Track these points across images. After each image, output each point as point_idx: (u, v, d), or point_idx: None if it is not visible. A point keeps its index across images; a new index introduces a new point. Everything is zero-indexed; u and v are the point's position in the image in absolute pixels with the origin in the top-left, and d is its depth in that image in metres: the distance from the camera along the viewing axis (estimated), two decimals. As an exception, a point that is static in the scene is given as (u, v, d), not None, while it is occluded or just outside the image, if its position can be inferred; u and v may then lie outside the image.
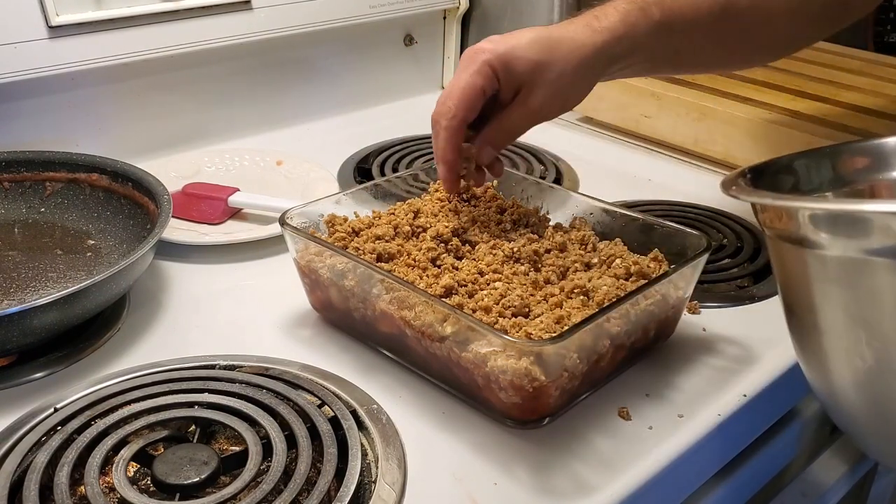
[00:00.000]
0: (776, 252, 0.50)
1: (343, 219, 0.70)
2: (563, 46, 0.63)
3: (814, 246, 0.44)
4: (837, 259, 0.44)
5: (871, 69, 1.14)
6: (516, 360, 0.54)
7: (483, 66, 0.62)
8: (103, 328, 0.68)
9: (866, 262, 0.42)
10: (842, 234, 0.43)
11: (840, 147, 0.60)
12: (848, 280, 0.44)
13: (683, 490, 0.62)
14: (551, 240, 0.67)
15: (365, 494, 0.52)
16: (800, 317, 0.50)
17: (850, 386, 0.47)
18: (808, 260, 0.45)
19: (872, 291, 0.43)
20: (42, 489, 0.50)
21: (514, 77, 0.63)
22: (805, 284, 0.47)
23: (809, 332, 0.49)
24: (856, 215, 0.42)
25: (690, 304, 0.72)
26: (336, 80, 1.15)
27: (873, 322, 0.44)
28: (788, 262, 0.48)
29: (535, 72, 0.63)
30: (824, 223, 0.44)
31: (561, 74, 0.63)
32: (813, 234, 0.44)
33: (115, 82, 0.94)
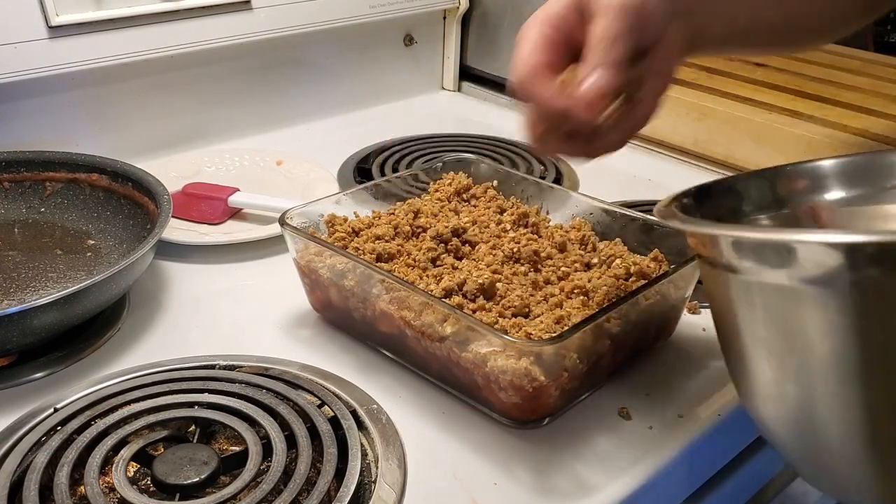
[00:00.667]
0: (705, 275, 0.51)
1: (343, 219, 0.70)
2: None
3: (735, 271, 0.45)
4: (756, 284, 0.45)
5: (871, 69, 1.14)
6: (516, 360, 0.54)
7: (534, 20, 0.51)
8: (103, 328, 0.68)
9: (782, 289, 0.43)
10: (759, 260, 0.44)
11: (779, 169, 0.61)
12: (766, 305, 0.45)
13: (683, 490, 0.62)
14: (551, 240, 0.67)
15: (365, 494, 0.52)
16: (727, 342, 0.51)
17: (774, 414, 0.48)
18: (731, 284, 0.47)
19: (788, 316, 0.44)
20: (42, 489, 0.50)
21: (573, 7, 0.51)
22: (729, 308, 0.48)
23: (737, 357, 0.50)
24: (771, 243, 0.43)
25: (690, 304, 0.72)
26: (336, 80, 1.15)
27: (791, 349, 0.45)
28: (716, 286, 0.49)
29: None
30: (744, 250, 0.45)
31: None
32: (734, 259, 0.45)
33: (115, 82, 0.94)
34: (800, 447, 0.48)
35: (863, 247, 0.40)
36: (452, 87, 1.28)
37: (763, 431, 0.51)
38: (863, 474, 0.45)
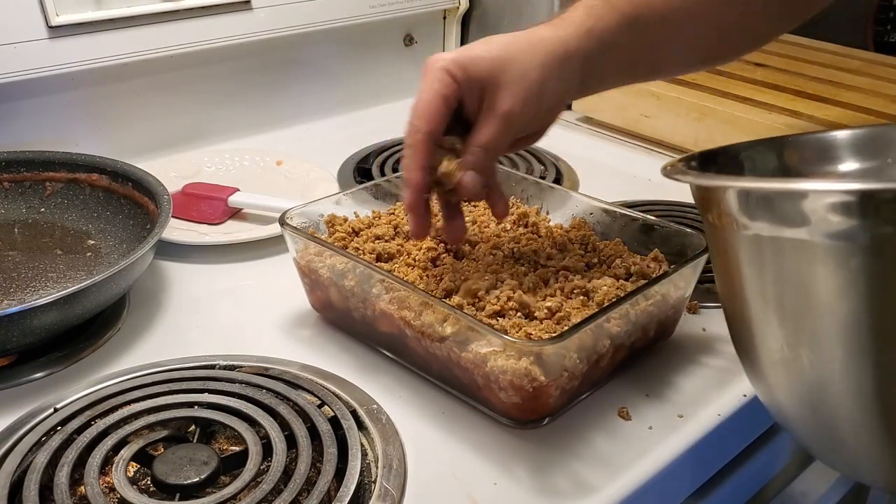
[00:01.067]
0: (711, 236, 0.49)
1: (343, 219, 0.70)
2: (523, 43, 0.58)
3: (742, 227, 0.44)
4: (764, 240, 0.43)
5: (871, 69, 1.14)
6: (516, 360, 0.54)
7: (439, 73, 0.57)
8: (103, 328, 0.68)
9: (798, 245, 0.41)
10: (766, 214, 0.42)
11: (789, 138, 0.59)
12: (773, 262, 0.43)
13: (683, 490, 0.62)
14: (551, 240, 0.67)
15: (365, 494, 0.52)
16: (734, 309, 0.49)
17: (784, 382, 0.46)
18: (740, 243, 0.45)
19: (796, 273, 0.42)
20: (42, 489, 0.50)
21: (474, 80, 0.57)
22: (736, 268, 0.46)
23: (743, 324, 0.48)
24: (779, 194, 0.41)
25: (690, 304, 0.72)
26: (336, 80, 1.15)
27: (799, 309, 0.43)
28: (721, 246, 0.47)
29: (494, 70, 0.57)
30: (751, 203, 0.43)
31: (525, 71, 0.57)
32: (743, 214, 0.43)
33: (115, 82, 0.94)
34: (810, 419, 0.46)
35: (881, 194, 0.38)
36: (452, 87, 1.28)
37: (770, 405, 0.49)
38: (875, 447, 0.43)
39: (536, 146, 1.04)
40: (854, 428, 0.43)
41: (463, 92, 0.57)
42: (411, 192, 0.58)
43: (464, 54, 0.58)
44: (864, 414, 0.42)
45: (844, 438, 0.45)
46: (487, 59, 0.57)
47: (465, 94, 0.58)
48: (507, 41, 0.58)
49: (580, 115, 1.15)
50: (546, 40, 0.58)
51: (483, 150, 0.58)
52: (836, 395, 0.43)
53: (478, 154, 0.58)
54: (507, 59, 0.57)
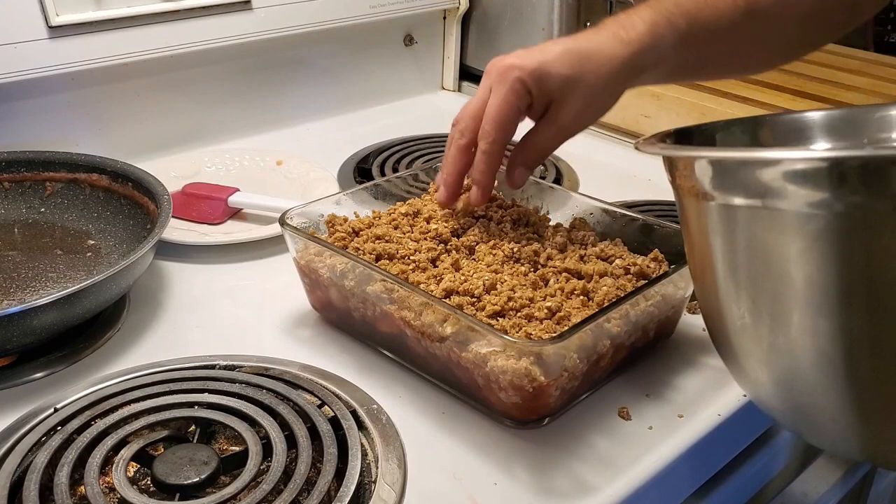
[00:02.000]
0: (682, 210, 0.49)
1: (343, 219, 0.70)
2: (592, 60, 0.62)
3: (711, 197, 0.44)
4: (735, 210, 0.43)
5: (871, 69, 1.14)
6: (516, 360, 0.54)
7: (516, 84, 0.61)
8: (103, 328, 0.68)
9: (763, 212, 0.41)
10: (736, 183, 0.42)
11: (762, 118, 0.59)
12: (744, 231, 0.43)
13: (683, 490, 0.62)
14: (551, 240, 0.67)
15: (365, 494, 0.52)
16: (702, 280, 0.49)
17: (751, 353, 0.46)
18: (707, 213, 0.45)
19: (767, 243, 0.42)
20: (42, 489, 0.50)
21: (545, 93, 0.62)
22: (705, 240, 0.46)
23: (711, 294, 0.48)
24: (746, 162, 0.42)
25: (690, 305, 0.72)
26: (336, 80, 1.15)
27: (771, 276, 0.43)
28: (691, 219, 0.48)
29: (566, 87, 0.62)
30: (720, 172, 0.43)
31: (592, 88, 0.62)
32: (709, 184, 0.44)
33: (115, 82, 0.94)
34: (778, 390, 0.46)
35: (846, 161, 0.38)
36: (452, 87, 1.28)
37: (739, 378, 0.49)
38: (843, 415, 0.43)
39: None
40: (820, 396, 0.44)
41: (534, 102, 0.63)
42: (481, 193, 0.66)
43: (539, 67, 0.61)
44: (829, 380, 0.43)
45: (816, 411, 0.45)
46: (562, 76, 0.62)
47: (534, 104, 0.63)
48: (579, 57, 0.62)
49: (580, 115, 1.15)
50: (614, 60, 0.62)
51: (539, 151, 0.65)
52: (800, 361, 0.43)
53: (533, 154, 0.65)
54: (579, 77, 0.62)
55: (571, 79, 0.62)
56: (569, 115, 0.63)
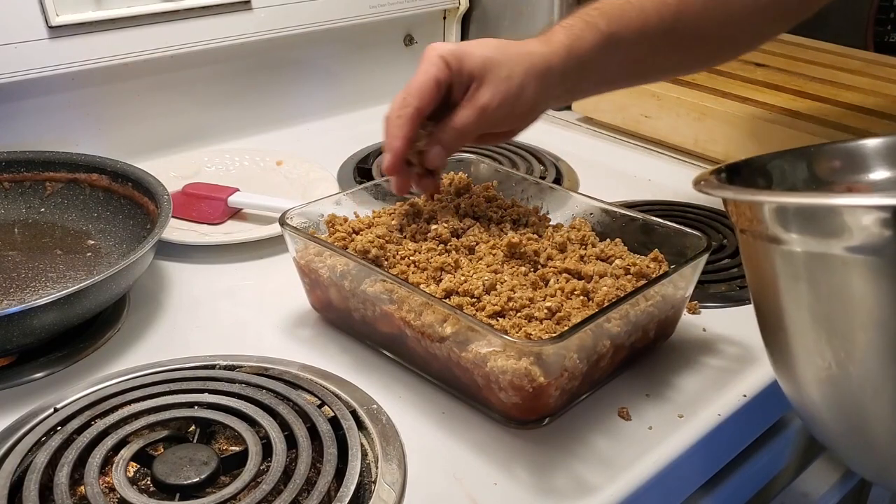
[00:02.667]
0: (746, 250, 0.49)
1: (343, 219, 0.70)
2: (513, 49, 0.64)
3: (779, 242, 0.43)
4: (802, 255, 0.43)
5: (871, 69, 1.14)
6: (516, 360, 0.54)
7: (436, 59, 0.63)
8: (103, 328, 0.68)
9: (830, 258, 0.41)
10: (805, 229, 0.42)
11: (818, 148, 0.59)
12: (812, 277, 0.43)
13: (683, 490, 0.62)
14: (551, 240, 0.67)
15: (365, 494, 0.52)
16: (769, 320, 0.49)
17: (816, 393, 0.46)
18: (775, 257, 0.45)
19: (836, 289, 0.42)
20: (42, 489, 0.50)
21: (465, 71, 0.63)
22: (773, 283, 0.46)
23: (778, 336, 0.48)
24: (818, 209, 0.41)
25: (690, 305, 0.72)
26: (336, 80, 1.15)
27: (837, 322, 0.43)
28: (757, 260, 0.47)
29: (485, 67, 0.63)
30: (788, 217, 0.43)
31: (510, 75, 0.63)
32: (778, 229, 0.43)
33: (115, 82, 0.94)
34: (844, 428, 0.46)
35: None
36: (452, 87, 1.28)
37: (801, 412, 0.49)
38: None
39: (536, 146, 1.05)
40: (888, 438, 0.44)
41: (453, 80, 0.64)
42: (393, 157, 0.64)
43: (461, 48, 0.64)
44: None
45: (879, 445, 0.45)
46: (481, 56, 0.63)
47: (455, 83, 0.64)
48: (501, 46, 0.64)
49: (580, 115, 1.15)
50: (533, 54, 0.64)
51: (456, 131, 0.65)
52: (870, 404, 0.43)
53: (450, 133, 0.65)
54: (498, 60, 0.63)
55: (491, 59, 0.63)
56: (485, 96, 0.63)
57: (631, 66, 0.69)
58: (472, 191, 0.74)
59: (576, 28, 0.65)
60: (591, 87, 0.69)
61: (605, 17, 0.65)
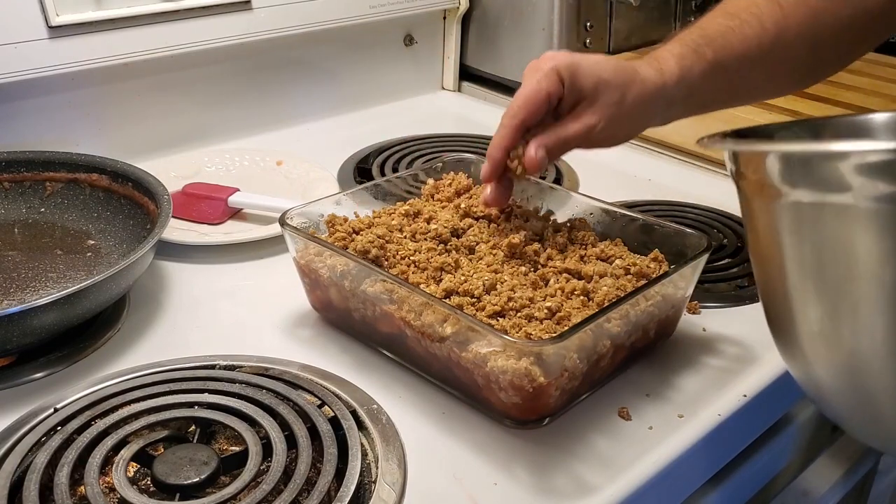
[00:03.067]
0: (748, 208, 0.48)
1: (343, 219, 0.70)
2: (628, 74, 0.63)
3: (781, 194, 0.43)
4: (804, 206, 0.42)
5: (871, 69, 1.14)
6: (516, 360, 0.54)
7: (550, 72, 0.62)
8: (103, 328, 0.68)
9: (834, 209, 0.40)
10: (808, 179, 0.41)
11: (825, 120, 0.58)
12: (814, 229, 0.42)
13: (683, 490, 0.62)
14: (551, 240, 0.67)
15: (365, 494, 0.52)
16: (769, 281, 0.48)
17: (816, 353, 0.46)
18: (777, 210, 0.44)
19: (838, 240, 0.41)
20: (42, 489, 0.50)
21: (577, 88, 0.63)
22: (774, 239, 0.45)
23: (779, 297, 0.47)
24: (823, 156, 0.40)
25: (690, 304, 0.72)
26: (336, 80, 1.15)
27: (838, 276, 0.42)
28: (758, 216, 0.47)
29: (598, 88, 0.63)
30: (793, 167, 0.42)
31: (622, 99, 0.63)
32: (780, 180, 0.43)
33: (115, 82, 0.94)
34: (849, 394, 0.45)
35: None
36: (452, 87, 1.28)
37: (804, 381, 0.49)
38: None
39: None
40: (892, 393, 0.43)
41: (565, 94, 0.63)
42: (490, 166, 0.65)
43: (576, 62, 0.63)
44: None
45: (884, 412, 0.44)
46: (595, 76, 0.63)
47: (566, 97, 0.63)
48: (616, 68, 0.64)
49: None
50: (647, 82, 0.64)
51: (562, 142, 0.64)
52: (878, 367, 0.42)
53: (556, 142, 0.64)
54: (611, 83, 0.63)
55: (605, 82, 0.63)
56: (594, 117, 0.63)
57: (729, 91, 0.69)
58: (472, 191, 0.74)
59: (687, 58, 0.65)
60: (689, 111, 0.69)
61: (711, 46, 0.65)
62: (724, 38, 0.65)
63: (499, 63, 1.23)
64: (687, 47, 0.65)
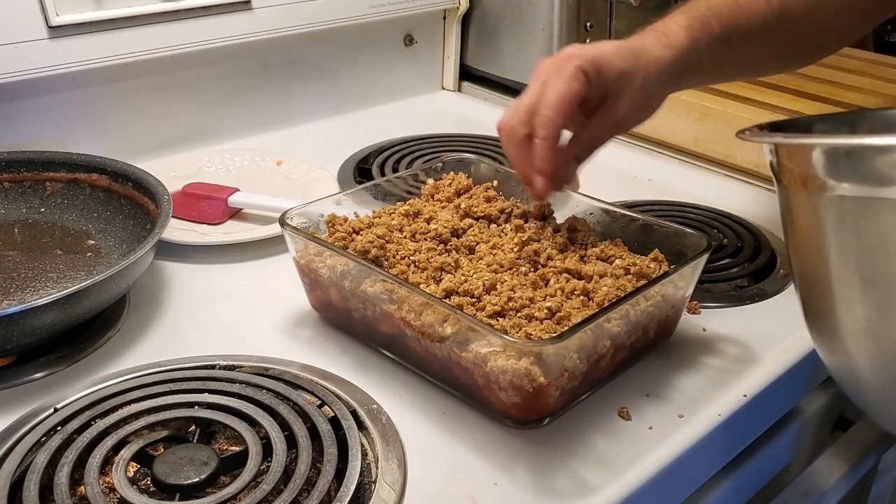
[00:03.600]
0: (789, 201, 0.48)
1: (343, 219, 0.70)
2: (644, 57, 0.64)
3: (827, 188, 0.42)
4: (850, 201, 0.42)
5: (871, 69, 1.14)
6: (516, 360, 0.54)
7: (577, 72, 0.61)
8: (103, 328, 0.68)
9: (881, 203, 0.40)
10: (855, 173, 0.40)
11: (862, 112, 0.58)
12: (860, 224, 0.42)
13: (683, 490, 0.62)
14: (551, 240, 0.67)
15: (365, 494, 0.52)
16: (810, 275, 0.48)
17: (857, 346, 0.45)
18: (822, 205, 0.44)
19: (885, 235, 0.41)
20: (42, 489, 0.50)
21: (603, 84, 0.62)
22: (817, 234, 0.45)
23: (819, 290, 0.47)
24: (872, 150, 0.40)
25: (690, 304, 0.72)
26: (336, 80, 1.15)
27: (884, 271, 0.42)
28: (801, 211, 0.46)
29: (622, 79, 0.63)
30: (839, 161, 0.42)
31: (644, 83, 0.63)
32: (826, 174, 0.42)
33: (115, 82, 0.94)
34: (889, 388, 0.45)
35: None
36: (452, 87, 1.28)
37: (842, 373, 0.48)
38: None
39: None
40: None
41: (591, 93, 0.63)
42: (546, 181, 0.63)
43: (600, 57, 0.62)
44: None
45: None
46: (619, 68, 0.63)
47: (593, 94, 0.63)
48: (632, 54, 0.64)
49: (580, 115, 1.15)
50: (661, 60, 0.64)
51: (591, 145, 0.66)
52: None
53: (585, 147, 0.66)
54: (634, 71, 0.63)
55: (628, 73, 0.63)
56: (623, 108, 0.64)
57: (736, 64, 0.71)
58: (473, 191, 0.74)
59: (695, 30, 0.65)
60: (700, 81, 0.70)
61: (718, 19, 0.66)
62: (731, 13, 0.66)
63: (499, 63, 1.23)
64: (695, 19, 0.66)
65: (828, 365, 0.50)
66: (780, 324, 0.70)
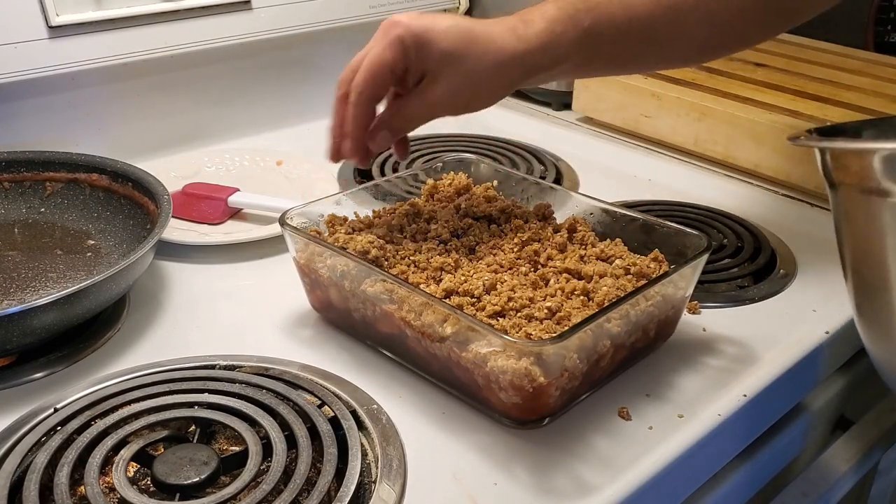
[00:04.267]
0: (846, 206, 0.48)
1: (343, 219, 0.70)
2: (480, 45, 0.60)
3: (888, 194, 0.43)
4: None
5: (871, 69, 1.14)
6: (516, 360, 0.54)
7: (395, 41, 0.59)
8: (103, 328, 0.68)
9: None
10: None
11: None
12: None
13: (683, 490, 0.62)
14: (551, 240, 0.67)
15: (365, 494, 0.52)
16: (869, 280, 0.48)
17: None
18: (883, 210, 0.44)
19: None
20: (42, 489, 0.50)
21: (422, 62, 0.60)
22: (878, 239, 0.45)
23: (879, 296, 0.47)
24: None
25: (690, 304, 0.72)
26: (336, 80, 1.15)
27: None
28: (859, 216, 0.46)
29: (444, 62, 0.59)
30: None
31: (472, 72, 0.60)
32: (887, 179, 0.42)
33: (115, 82, 0.94)
34: None
35: None
36: (452, 87, 1.28)
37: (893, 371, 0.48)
38: None
39: (536, 146, 1.05)
40: None
41: (409, 64, 0.60)
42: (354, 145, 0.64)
43: (426, 32, 0.59)
44: None
45: None
46: (443, 46, 0.59)
47: (411, 69, 0.61)
48: (468, 37, 0.60)
49: (580, 115, 1.15)
50: (504, 52, 0.60)
51: (404, 120, 0.64)
52: None
53: (398, 121, 0.64)
54: (461, 56, 0.59)
55: (452, 56, 0.59)
56: (438, 92, 0.61)
57: (608, 61, 0.67)
58: (472, 191, 0.74)
59: (558, 24, 0.61)
60: (563, 76, 0.66)
61: (590, 13, 0.61)
62: (607, 6, 0.62)
63: (499, 63, 1.23)
64: (563, 11, 0.61)
65: (881, 366, 0.50)
66: (780, 324, 0.70)
